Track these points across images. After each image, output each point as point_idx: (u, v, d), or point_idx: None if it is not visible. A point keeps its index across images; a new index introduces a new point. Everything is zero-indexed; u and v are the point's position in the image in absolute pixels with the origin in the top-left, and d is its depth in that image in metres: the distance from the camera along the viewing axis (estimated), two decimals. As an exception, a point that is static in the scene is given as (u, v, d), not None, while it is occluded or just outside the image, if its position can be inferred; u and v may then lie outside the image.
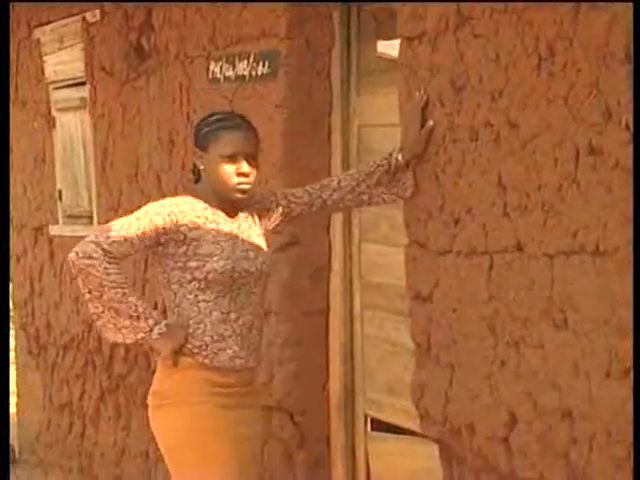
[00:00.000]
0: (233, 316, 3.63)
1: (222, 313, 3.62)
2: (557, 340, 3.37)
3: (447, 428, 3.81)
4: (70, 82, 6.54)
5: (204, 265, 3.59)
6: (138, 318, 3.57)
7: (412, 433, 4.23)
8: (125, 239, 3.56)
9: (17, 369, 7.48)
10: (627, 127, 3.08)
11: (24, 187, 7.10)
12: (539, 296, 3.43)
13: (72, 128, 6.60)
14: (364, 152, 4.58)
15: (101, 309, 3.59)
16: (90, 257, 3.53)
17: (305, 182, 4.51)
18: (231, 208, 3.71)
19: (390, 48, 4.32)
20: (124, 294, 3.56)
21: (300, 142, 4.66)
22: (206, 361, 3.61)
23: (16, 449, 7.31)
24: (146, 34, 5.66)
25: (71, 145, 6.63)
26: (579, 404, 3.30)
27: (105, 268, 3.53)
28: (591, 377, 3.26)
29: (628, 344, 3.12)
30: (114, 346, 6.17)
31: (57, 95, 6.72)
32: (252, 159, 3.65)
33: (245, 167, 3.62)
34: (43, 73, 6.75)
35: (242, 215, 3.74)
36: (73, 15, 6.32)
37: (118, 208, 6.07)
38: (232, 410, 3.62)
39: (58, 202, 6.81)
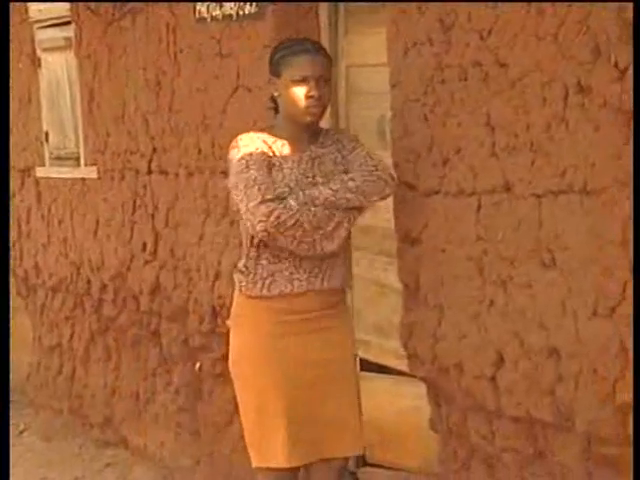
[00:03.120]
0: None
1: None
2: (545, 279, 3.39)
3: (435, 368, 3.84)
4: (55, 21, 6.49)
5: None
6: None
7: (400, 373, 4.27)
8: (266, 184, 3.71)
9: (6, 311, 7.50)
10: (616, 65, 3.09)
11: (9, 129, 7.07)
12: (527, 236, 3.44)
13: (57, 69, 6.55)
14: (352, 92, 4.57)
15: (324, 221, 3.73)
16: (271, 212, 3.68)
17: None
18: (305, 135, 3.83)
19: (378, -13, 4.29)
20: (309, 208, 3.70)
21: (288, 82, 4.65)
22: (264, 291, 3.80)
23: (6, 390, 7.36)
24: (132, -27, 5.63)
25: (57, 86, 6.59)
26: (566, 342, 3.33)
27: (284, 207, 3.68)
28: (578, 316, 3.29)
29: (615, 282, 3.15)
30: (103, 288, 6.20)
31: (42, 35, 6.66)
32: (323, 82, 3.76)
33: (314, 90, 3.73)
34: (27, 12, 6.70)
35: (319, 141, 3.85)
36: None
37: (105, 150, 6.06)
38: (292, 337, 3.80)
39: (45, 144, 6.79)
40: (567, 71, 3.25)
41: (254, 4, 4.71)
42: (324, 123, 3.94)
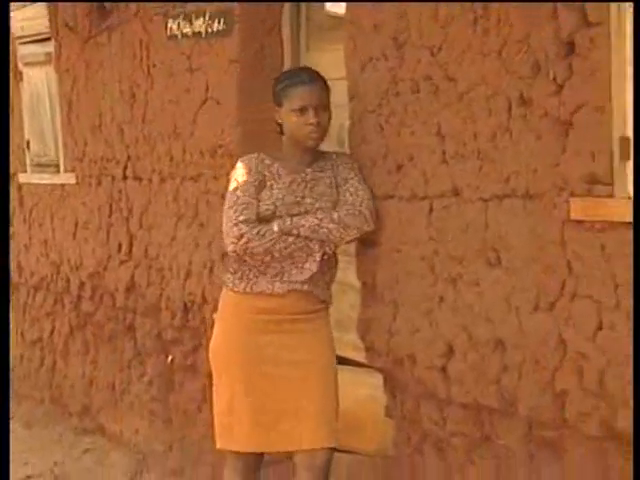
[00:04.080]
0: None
1: None
2: (490, 277, 3.41)
3: (390, 359, 3.85)
4: (36, 38, 6.46)
5: (259, 205, 3.78)
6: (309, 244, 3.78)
7: (358, 364, 4.27)
8: (245, 205, 3.76)
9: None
10: (554, 79, 3.11)
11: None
12: (474, 237, 3.46)
13: (38, 82, 6.53)
14: (313, 104, 4.57)
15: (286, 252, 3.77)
16: (241, 236, 3.73)
17: (258, 132, 4.54)
18: (306, 157, 3.87)
19: (337, 6, 4.31)
20: (284, 239, 3.74)
21: (253, 94, 4.65)
22: (247, 289, 3.81)
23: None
24: (108, -7, 5.61)
25: (38, 98, 6.56)
26: (510, 335, 3.34)
27: (257, 233, 3.73)
28: (521, 310, 3.30)
29: (554, 280, 3.17)
30: (81, 286, 6.17)
31: (23, 50, 6.63)
32: (321, 109, 3.79)
33: (312, 118, 3.77)
34: (10, 29, 6.65)
35: (317, 165, 3.88)
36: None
37: (83, 157, 6.03)
38: (268, 334, 3.81)
39: (26, 152, 6.76)
40: (510, 85, 3.27)
41: (222, 22, 4.70)
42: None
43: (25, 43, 6.60)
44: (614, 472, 3.11)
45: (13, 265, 6.96)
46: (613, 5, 2.92)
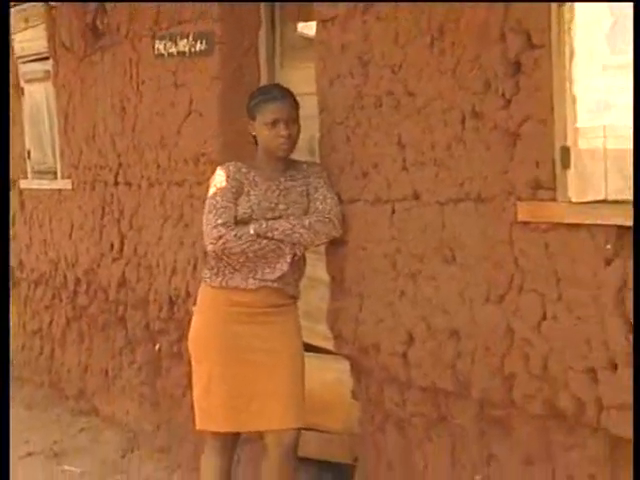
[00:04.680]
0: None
1: None
2: (446, 273, 3.41)
3: (356, 347, 3.85)
4: (35, 57, 6.42)
5: (237, 209, 3.76)
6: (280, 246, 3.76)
7: (327, 351, 4.27)
8: (223, 209, 3.73)
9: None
10: (503, 95, 3.12)
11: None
12: (432, 237, 3.46)
13: (38, 96, 6.49)
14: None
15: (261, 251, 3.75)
16: (220, 237, 3.70)
17: (237, 142, 4.53)
18: (279, 166, 3.84)
19: (308, 29, 4.30)
20: (259, 241, 3.72)
21: (233, 108, 4.64)
22: (223, 283, 3.79)
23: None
24: (100, 16, 5.57)
25: (37, 111, 6.52)
26: (464, 325, 3.35)
27: (234, 236, 3.70)
28: (473, 303, 3.30)
29: (503, 275, 3.18)
30: (77, 282, 6.13)
31: (24, 68, 6.59)
32: (291, 122, 3.78)
33: (283, 130, 3.76)
34: (12, 49, 6.61)
35: (290, 174, 3.86)
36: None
37: (78, 165, 6.00)
38: (243, 325, 3.79)
39: (27, 160, 6.72)
40: (464, 100, 3.27)
41: (204, 43, 4.69)
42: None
43: (26, 62, 6.56)
44: (556, 446, 3.12)
45: (15, 262, 6.92)
46: (554, 29, 2.93)
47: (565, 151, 2.96)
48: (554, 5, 2.93)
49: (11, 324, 6.94)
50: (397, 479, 3.78)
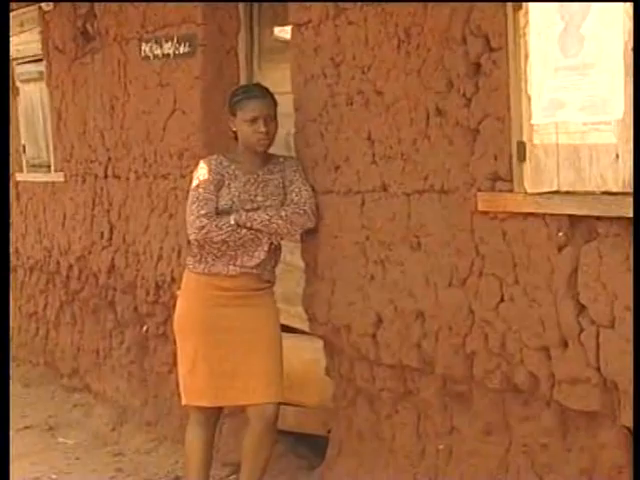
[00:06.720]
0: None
1: None
2: (412, 259, 3.41)
3: (330, 328, 3.85)
4: (30, 59, 6.38)
5: (219, 201, 3.74)
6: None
7: (303, 332, 4.27)
8: (205, 200, 3.70)
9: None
10: (464, 94, 3.12)
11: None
12: (399, 225, 3.46)
13: (32, 96, 6.45)
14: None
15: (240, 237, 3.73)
16: (202, 227, 3.69)
17: (218, 137, 4.52)
18: (258, 160, 3.82)
19: (284, 33, 4.29)
20: (239, 231, 3.71)
21: (215, 106, 4.62)
22: (205, 270, 3.78)
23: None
24: (90, 21, 5.54)
25: (32, 109, 6.48)
26: (428, 307, 3.36)
27: (216, 226, 3.68)
28: (437, 286, 3.31)
29: (464, 261, 3.18)
30: (69, 268, 6.10)
31: (20, 69, 6.55)
32: (270, 119, 3.76)
33: (262, 127, 3.75)
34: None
35: (267, 168, 3.84)
36: (31, 4, 6.15)
37: (70, 159, 5.97)
38: (224, 308, 3.78)
39: (23, 154, 6.68)
40: (428, 99, 3.28)
41: (187, 45, 4.67)
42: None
43: (21, 63, 6.52)
44: (512, 418, 3.14)
45: (12, 250, 6.88)
46: (510, 34, 2.94)
47: (521, 146, 2.97)
48: (510, 11, 2.94)
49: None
50: (367, 449, 3.79)
